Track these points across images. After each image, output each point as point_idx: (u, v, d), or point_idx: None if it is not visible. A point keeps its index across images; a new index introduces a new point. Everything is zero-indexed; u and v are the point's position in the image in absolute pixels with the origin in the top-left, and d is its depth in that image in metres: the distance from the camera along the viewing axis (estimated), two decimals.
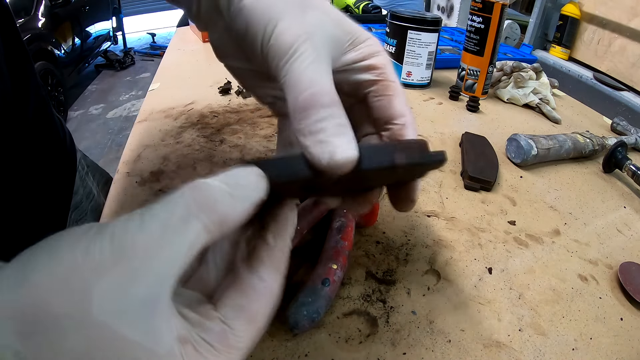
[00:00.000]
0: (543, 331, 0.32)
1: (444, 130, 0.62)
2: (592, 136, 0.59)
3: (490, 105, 0.74)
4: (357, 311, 0.32)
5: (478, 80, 0.74)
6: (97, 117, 3.21)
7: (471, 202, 0.47)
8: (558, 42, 1.44)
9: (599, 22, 1.31)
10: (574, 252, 0.41)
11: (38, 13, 3.08)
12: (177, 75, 0.78)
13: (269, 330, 0.30)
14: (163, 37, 4.92)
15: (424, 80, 0.78)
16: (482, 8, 0.69)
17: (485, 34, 0.70)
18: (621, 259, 0.41)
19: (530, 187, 0.51)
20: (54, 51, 3.15)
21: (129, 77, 3.98)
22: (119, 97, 3.55)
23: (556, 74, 1.37)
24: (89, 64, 3.84)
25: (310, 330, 0.30)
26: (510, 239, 0.42)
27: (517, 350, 0.31)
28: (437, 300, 0.34)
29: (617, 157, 0.55)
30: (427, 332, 0.31)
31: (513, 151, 0.55)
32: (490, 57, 0.71)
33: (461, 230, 0.42)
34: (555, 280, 0.37)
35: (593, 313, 0.35)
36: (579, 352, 0.31)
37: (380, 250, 0.38)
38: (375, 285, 0.34)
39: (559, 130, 0.67)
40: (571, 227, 0.45)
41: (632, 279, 0.37)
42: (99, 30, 4.01)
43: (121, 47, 4.54)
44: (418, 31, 0.72)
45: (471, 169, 0.49)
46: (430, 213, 0.44)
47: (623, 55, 1.24)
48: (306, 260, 0.35)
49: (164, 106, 0.63)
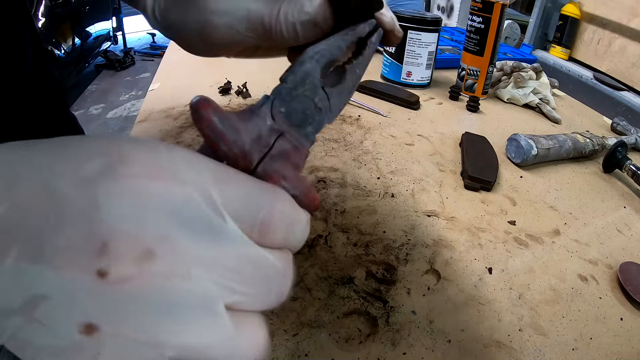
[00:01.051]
0: (543, 331, 0.32)
1: (444, 130, 0.62)
2: (592, 136, 0.59)
3: (490, 105, 0.74)
4: (357, 311, 0.32)
5: (478, 80, 0.74)
6: (97, 117, 3.21)
7: (471, 202, 0.47)
8: (558, 42, 1.44)
9: (599, 22, 1.31)
10: (574, 252, 0.41)
11: (38, 13, 3.08)
12: (177, 75, 0.78)
13: (269, 329, 0.30)
14: (163, 37, 4.92)
15: (424, 80, 0.78)
16: (482, 8, 0.69)
17: (485, 34, 0.70)
18: (621, 259, 0.41)
19: (530, 187, 0.51)
20: (54, 51, 3.15)
21: (129, 77, 3.98)
22: (119, 97, 3.54)
23: (556, 74, 1.37)
24: (89, 64, 3.83)
25: (310, 330, 0.30)
26: (510, 239, 0.42)
27: (517, 350, 0.31)
28: (437, 300, 0.34)
29: (617, 157, 0.55)
30: (427, 332, 0.31)
31: (513, 151, 0.55)
32: (490, 57, 0.71)
33: (461, 230, 0.42)
34: (555, 280, 0.37)
35: (593, 313, 0.35)
36: (579, 352, 0.31)
37: (380, 250, 0.38)
38: (375, 285, 0.34)
39: (559, 130, 0.67)
40: (571, 227, 0.45)
41: (632, 279, 0.37)
42: (99, 30, 4.01)
43: (121, 47, 4.54)
44: (418, 31, 0.72)
45: (471, 169, 0.49)
46: (430, 213, 0.44)
47: (623, 55, 1.24)
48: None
49: (164, 106, 0.63)
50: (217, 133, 0.15)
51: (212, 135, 0.15)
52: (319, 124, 0.20)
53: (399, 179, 0.49)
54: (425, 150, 0.56)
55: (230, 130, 0.16)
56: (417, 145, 0.57)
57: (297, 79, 0.19)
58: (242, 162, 0.16)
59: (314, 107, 0.19)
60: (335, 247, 0.38)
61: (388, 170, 0.50)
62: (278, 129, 0.18)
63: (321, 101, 0.20)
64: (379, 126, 0.61)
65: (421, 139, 0.59)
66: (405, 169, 0.51)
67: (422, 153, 0.55)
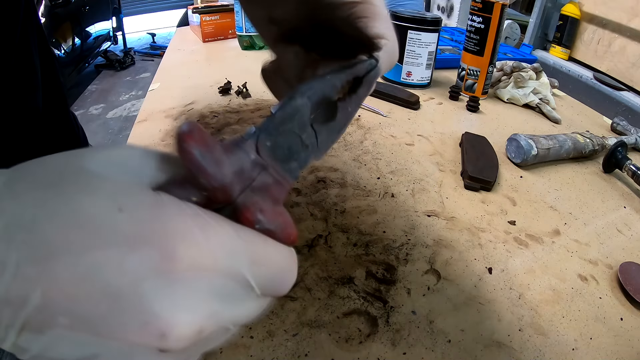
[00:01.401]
0: (543, 331, 0.32)
1: (444, 130, 0.62)
2: (592, 136, 0.59)
3: (490, 105, 0.74)
4: (357, 311, 0.32)
5: (478, 80, 0.74)
6: (97, 117, 3.21)
7: (471, 202, 0.47)
8: (558, 42, 1.44)
9: (599, 22, 1.31)
10: (574, 252, 0.41)
11: (38, 13, 3.08)
12: (177, 75, 0.78)
13: (269, 330, 0.30)
14: (163, 37, 4.92)
15: (424, 80, 0.78)
16: (482, 8, 0.69)
17: (485, 34, 0.70)
18: (621, 259, 0.41)
19: (530, 187, 0.51)
20: (54, 51, 3.15)
21: (129, 77, 3.98)
22: (119, 97, 3.54)
23: (556, 74, 1.37)
24: (89, 64, 3.83)
25: (310, 330, 0.30)
26: (510, 239, 0.42)
27: (517, 350, 0.31)
28: (437, 300, 0.34)
29: (617, 157, 0.55)
30: (427, 332, 0.31)
31: (513, 151, 0.55)
32: (490, 57, 0.71)
33: (461, 230, 0.42)
34: (555, 280, 0.38)
35: (593, 313, 0.35)
36: (579, 352, 0.31)
37: (380, 250, 0.38)
38: (375, 285, 0.34)
39: (559, 130, 0.67)
40: (571, 227, 0.45)
41: (632, 279, 0.37)
42: (99, 30, 4.01)
43: (121, 47, 4.54)
44: (418, 31, 0.72)
45: (471, 169, 0.49)
46: (430, 213, 0.44)
47: (623, 55, 1.24)
48: None
49: (164, 106, 0.63)
50: (197, 167, 0.16)
51: (193, 169, 0.16)
52: (305, 161, 0.20)
53: (399, 179, 0.49)
54: (425, 150, 0.56)
55: (211, 164, 0.16)
56: (417, 145, 0.57)
57: (285, 114, 0.19)
58: (220, 195, 0.17)
59: (300, 144, 0.20)
60: (335, 247, 0.38)
61: (388, 170, 0.50)
62: (262, 163, 0.18)
63: (308, 138, 0.20)
64: (379, 126, 0.61)
65: (421, 139, 0.59)
66: (405, 169, 0.51)
67: (422, 153, 0.55)
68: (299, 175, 0.20)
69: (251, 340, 0.29)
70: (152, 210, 0.15)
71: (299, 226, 0.40)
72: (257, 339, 0.29)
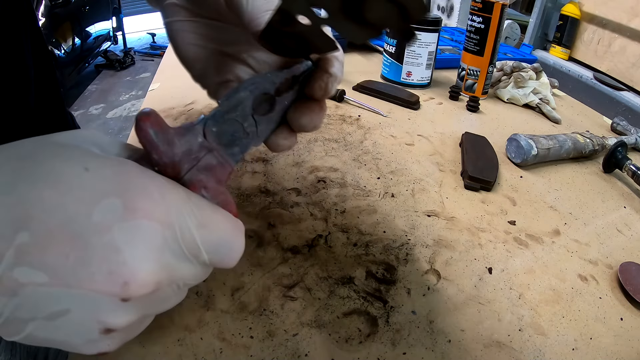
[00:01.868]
0: (543, 331, 0.32)
1: (444, 130, 0.62)
2: (592, 136, 0.59)
3: (490, 105, 0.74)
4: (357, 311, 0.32)
5: (478, 80, 0.74)
6: (97, 117, 3.21)
7: (471, 202, 0.47)
8: (558, 42, 1.44)
9: (599, 22, 1.31)
10: (574, 252, 0.41)
11: (38, 13, 3.08)
12: (177, 75, 0.78)
13: (269, 330, 0.30)
14: (163, 37, 4.92)
15: (424, 80, 0.78)
16: (482, 8, 0.69)
17: (485, 34, 0.70)
18: (621, 259, 0.41)
19: (530, 187, 0.51)
20: (54, 51, 3.15)
21: (129, 77, 3.98)
22: (119, 97, 3.54)
23: (556, 74, 1.37)
24: (89, 64, 3.83)
25: (310, 330, 0.30)
26: (510, 239, 0.42)
27: (517, 350, 0.31)
28: (437, 300, 0.34)
29: (617, 157, 0.55)
30: (427, 332, 0.31)
31: (513, 151, 0.55)
32: (490, 57, 0.71)
33: (461, 230, 0.42)
34: (555, 280, 0.37)
35: (593, 313, 0.35)
36: (579, 352, 0.31)
37: (380, 250, 0.38)
38: (375, 285, 0.34)
39: (559, 130, 0.67)
40: (571, 227, 0.45)
41: (632, 279, 0.37)
42: (99, 30, 4.01)
43: (121, 47, 4.54)
44: (418, 31, 0.72)
45: (471, 169, 0.49)
46: (430, 213, 0.44)
47: (623, 55, 1.24)
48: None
49: (164, 106, 0.63)
50: (151, 144, 0.18)
51: (147, 145, 0.18)
52: (246, 147, 0.22)
53: (399, 179, 0.49)
54: (425, 150, 0.56)
55: (164, 143, 0.19)
56: (417, 145, 0.57)
57: (230, 104, 0.22)
58: (170, 170, 0.19)
59: (242, 131, 0.22)
60: (335, 247, 0.38)
61: (388, 170, 0.50)
62: (208, 146, 0.20)
63: (250, 127, 0.22)
64: (379, 126, 0.61)
65: (421, 139, 0.59)
66: (405, 169, 0.51)
67: (422, 153, 0.55)
68: (240, 159, 0.22)
69: (251, 340, 0.29)
70: (115, 168, 0.16)
71: (299, 226, 0.40)
72: (257, 339, 0.29)
